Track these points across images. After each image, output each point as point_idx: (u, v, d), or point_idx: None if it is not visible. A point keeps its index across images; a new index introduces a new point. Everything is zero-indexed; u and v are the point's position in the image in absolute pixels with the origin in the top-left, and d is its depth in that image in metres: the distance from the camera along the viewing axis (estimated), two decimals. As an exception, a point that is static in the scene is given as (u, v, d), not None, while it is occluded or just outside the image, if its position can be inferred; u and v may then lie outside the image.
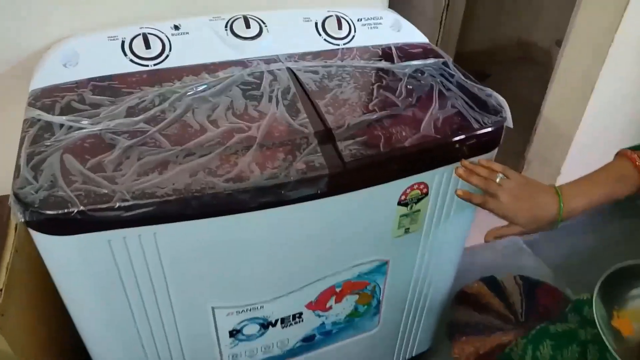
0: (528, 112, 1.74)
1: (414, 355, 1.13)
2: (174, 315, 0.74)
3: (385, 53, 0.91)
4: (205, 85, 0.78)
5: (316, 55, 0.88)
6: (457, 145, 0.74)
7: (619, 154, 0.71)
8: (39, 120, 0.70)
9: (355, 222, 0.75)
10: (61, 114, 0.70)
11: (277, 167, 0.65)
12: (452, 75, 0.86)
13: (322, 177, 0.65)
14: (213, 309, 0.76)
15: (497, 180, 0.69)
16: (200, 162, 0.65)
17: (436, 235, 0.86)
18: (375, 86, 0.82)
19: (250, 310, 0.79)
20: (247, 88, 0.78)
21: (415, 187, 0.76)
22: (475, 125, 0.75)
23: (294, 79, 0.81)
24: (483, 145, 0.76)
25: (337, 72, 0.84)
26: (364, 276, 0.85)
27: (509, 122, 0.78)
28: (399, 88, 0.81)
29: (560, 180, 1.65)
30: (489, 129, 0.76)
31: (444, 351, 1.39)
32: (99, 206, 0.59)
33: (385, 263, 0.85)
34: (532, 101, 1.83)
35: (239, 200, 0.63)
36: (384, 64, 0.87)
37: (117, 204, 0.59)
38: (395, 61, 0.88)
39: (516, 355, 0.81)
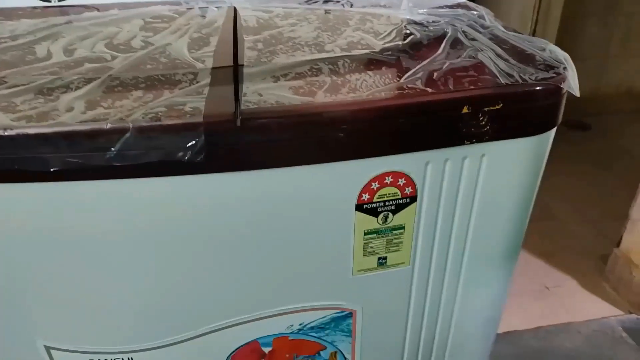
0: (635, 169, 1.65)
1: None
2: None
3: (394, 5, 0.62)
4: (103, 18, 0.53)
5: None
6: (465, 110, 0.41)
7: None
8: None
9: (275, 231, 0.44)
10: None
11: (117, 106, 0.38)
12: (486, 27, 0.54)
13: (191, 129, 0.36)
14: (48, 349, 0.47)
15: None
16: (2, 93, 0.39)
17: (444, 274, 0.51)
18: (350, 27, 0.52)
19: (113, 362, 0.49)
20: (154, 21, 0.53)
21: (387, 179, 0.43)
22: (504, 80, 0.42)
23: (231, 16, 0.54)
24: (517, 115, 0.42)
25: (302, 12, 0.56)
26: (311, 334, 0.52)
27: (572, 86, 0.44)
28: (387, 31, 0.51)
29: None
30: (532, 88, 0.42)
31: None
32: None
33: (349, 315, 0.51)
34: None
35: (30, 153, 0.35)
36: (381, 10, 0.57)
37: None
38: (402, 7, 0.58)
39: None
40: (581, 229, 1.62)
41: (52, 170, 0.36)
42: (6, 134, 0.35)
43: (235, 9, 0.56)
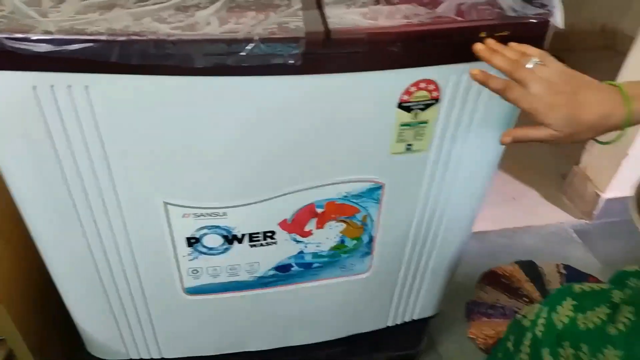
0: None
1: (414, 318, 0.97)
2: (119, 205, 0.64)
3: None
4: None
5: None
6: (482, 34, 0.57)
7: None
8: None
9: (339, 121, 0.61)
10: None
11: (241, 23, 0.53)
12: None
13: (296, 41, 0.52)
14: (166, 204, 0.65)
15: (530, 65, 0.53)
16: (151, 9, 0.53)
17: (449, 160, 0.70)
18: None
19: (211, 216, 0.67)
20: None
21: (422, 85, 0.60)
22: (511, 13, 0.58)
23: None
24: (518, 40, 0.59)
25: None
26: (352, 200, 0.71)
27: (558, 20, 0.61)
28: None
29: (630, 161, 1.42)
30: (528, 20, 0.58)
31: (458, 331, 1.23)
32: (16, 35, 0.49)
33: (380, 187, 0.70)
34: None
35: (186, 53, 0.51)
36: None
37: (37, 36, 0.49)
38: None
39: (528, 321, 0.64)
40: (545, 150, 1.82)
41: (198, 67, 0.51)
42: (170, 39, 0.50)
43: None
